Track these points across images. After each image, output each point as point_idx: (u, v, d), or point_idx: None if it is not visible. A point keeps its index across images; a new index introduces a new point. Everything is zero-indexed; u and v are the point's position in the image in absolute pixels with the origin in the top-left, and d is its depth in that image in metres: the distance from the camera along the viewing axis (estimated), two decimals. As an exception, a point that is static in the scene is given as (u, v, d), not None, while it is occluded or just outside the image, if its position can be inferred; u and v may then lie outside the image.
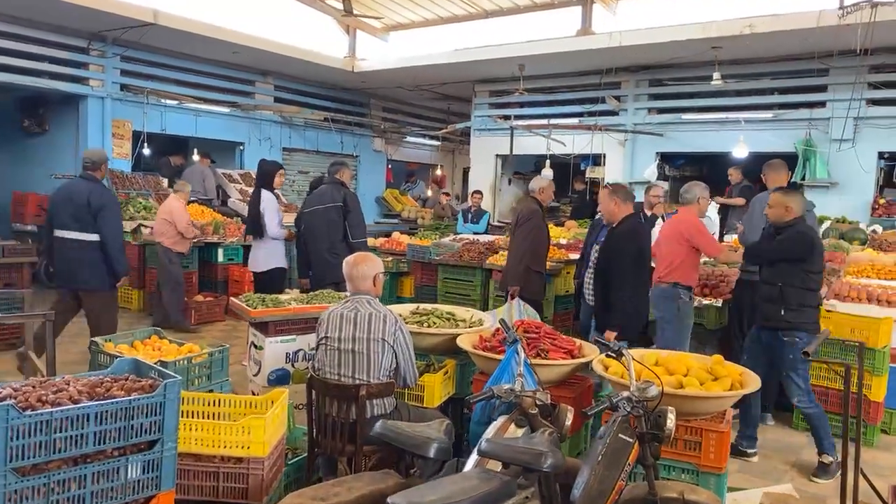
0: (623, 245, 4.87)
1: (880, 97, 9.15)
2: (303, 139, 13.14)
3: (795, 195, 4.82)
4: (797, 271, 4.56)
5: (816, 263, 4.65)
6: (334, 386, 3.44)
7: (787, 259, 4.59)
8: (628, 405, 2.63)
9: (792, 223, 4.65)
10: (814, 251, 4.61)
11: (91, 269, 5.58)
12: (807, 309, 4.62)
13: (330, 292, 5.24)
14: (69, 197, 5.59)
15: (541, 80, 11.75)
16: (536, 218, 5.80)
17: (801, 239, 4.59)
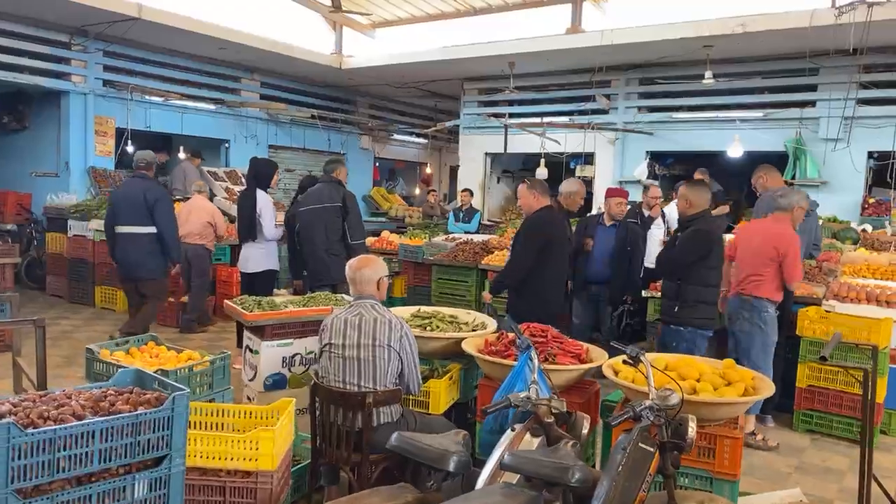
0: (532, 233, 5.10)
1: (870, 97, 9.19)
2: (289, 137, 12.97)
3: (700, 189, 4.89)
4: (696, 268, 4.69)
5: (714, 259, 4.76)
6: (339, 394, 3.34)
7: (693, 260, 4.70)
8: (651, 415, 2.55)
9: (692, 219, 4.77)
10: (712, 247, 4.71)
11: (150, 260, 6.25)
12: (701, 305, 4.73)
13: (327, 295, 5.12)
14: (127, 195, 6.27)
15: (530, 79, 11.69)
16: (547, 227, 5.65)
17: (698, 237, 4.70)
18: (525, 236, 5.15)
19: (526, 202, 5.25)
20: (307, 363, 4.81)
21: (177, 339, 6.67)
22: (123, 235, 6.20)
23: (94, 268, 8.89)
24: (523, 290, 5.11)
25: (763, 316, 4.99)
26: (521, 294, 5.14)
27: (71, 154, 10.00)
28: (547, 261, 5.04)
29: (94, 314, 8.58)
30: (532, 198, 5.18)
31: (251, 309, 4.57)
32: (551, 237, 5.10)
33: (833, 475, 4.64)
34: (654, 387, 2.83)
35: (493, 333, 4.19)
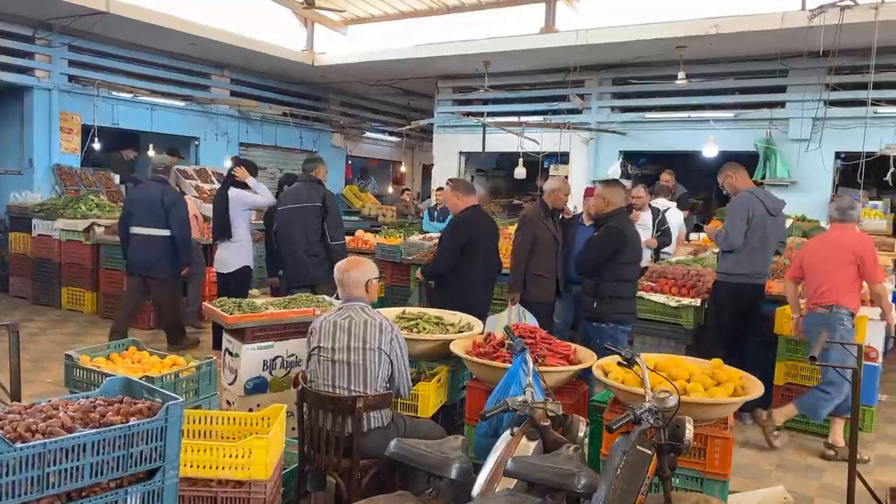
0: (456, 232, 5.30)
1: (837, 98, 9.36)
2: (260, 134, 12.78)
3: (616, 189, 5.01)
4: (611, 264, 4.82)
5: (629, 255, 4.86)
6: (329, 398, 3.27)
7: (608, 257, 4.82)
8: (651, 417, 2.54)
9: (607, 217, 4.90)
10: (625, 243, 4.82)
11: (162, 260, 6.49)
12: (618, 300, 4.85)
13: (308, 296, 5.03)
14: (143, 198, 6.56)
15: (504, 78, 11.69)
16: (530, 223, 5.66)
17: (611, 233, 4.84)
18: (450, 235, 5.37)
19: (451, 203, 5.41)
20: (289, 366, 4.72)
21: (150, 342, 6.51)
22: (138, 236, 6.50)
23: (61, 268, 8.64)
24: (447, 286, 5.30)
25: (839, 329, 4.74)
26: (444, 289, 5.31)
27: (35, 151, 9.71)
28: (472, 259, 5.23)
29: (60, 316, 8.34)
30: (456, 198, 5.37)
31: (231, 311, 4.47)
32: (475, 236, 5.27)
33: (813, 472, 4.70)
34: (649, 389, 2.83)
35: (481, 335, 4.16)
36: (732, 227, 5.26)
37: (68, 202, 8.87)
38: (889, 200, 9.45)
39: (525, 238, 5.56)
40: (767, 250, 5.53)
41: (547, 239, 5.60)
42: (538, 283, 5.52)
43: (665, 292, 6.02)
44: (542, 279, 5.56)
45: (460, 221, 5.37)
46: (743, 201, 5.37)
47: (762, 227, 5.39)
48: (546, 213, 5.74)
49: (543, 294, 5.58)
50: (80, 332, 7.55)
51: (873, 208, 9.30)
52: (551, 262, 5.62)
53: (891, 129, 8.82)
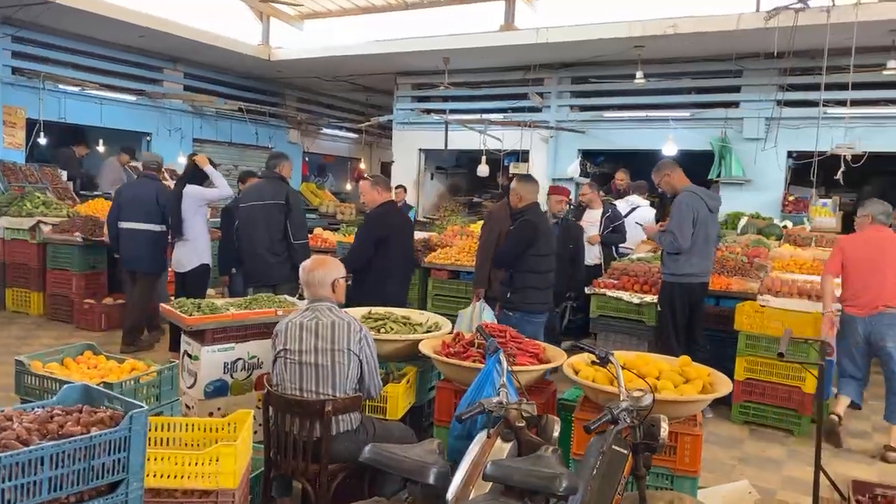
0: (372, 226, 5.35)
1: (789, 99, 9.59)
2: (215, 130, 12.50)
3: (530, 184, 5.14)
4: (525, 256, 4.93)
5: (542, 247, 4.98)
6: (296, 402, 3.17)
7: (522, 249, 4.93)
8: (629, 417, 2.52)
9: (522, 211, 5.01)
10: (538, 236, 4.93)
11: (150, 255, 6.58)
12: (529, 290, 4.97)
13: (270, 296, 4.90)
14: (137, 194, 6.61)
15: (464, 75, 11.66)
16: (492, 220, 5.66)
17: (524, 226, 4.94)
18: (366, 228, 5.40)
19: (370, 197, 5.38)
20: (250, 368, 4.59)
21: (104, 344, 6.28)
22: (127, 231, 6.56)
23: (5, 269, 8.28)
24: (364, 281, 5.31)
25: None
26: (360, 284, 5.32)
27: (-24, 146, 9.30)
28: (387, 254, 5.25)
29: (4, 318, 7.99)
30: (376, 193, 5.36)
31: (190, 312, 4.31)
32: (391, 231, 5.30)
33: (773, 465, 4.78)
34: (624, 387, 2.81)
35: (449, 334, 4.11)
36: (680, 230, 5.23)
37: (12, 199, 8.50)
38: (838, 199, 9.71)
39: (489, 235, 5.53)
40: (710, 248, 5.62)
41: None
42: (500, 279, 5.48)
43: (627, 289, 6.07)
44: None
45: (378, 216, 5.36)
46: (689, 202, 5.35)
47: (705, 226, 5.43)
48: (510, 213, 5.72)
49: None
50: (27, 336, 7.25)
51: (823, 206, 9.55)
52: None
53: (841, 130, 9.06)
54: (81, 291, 7.68)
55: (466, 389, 3.68)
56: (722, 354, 5.58)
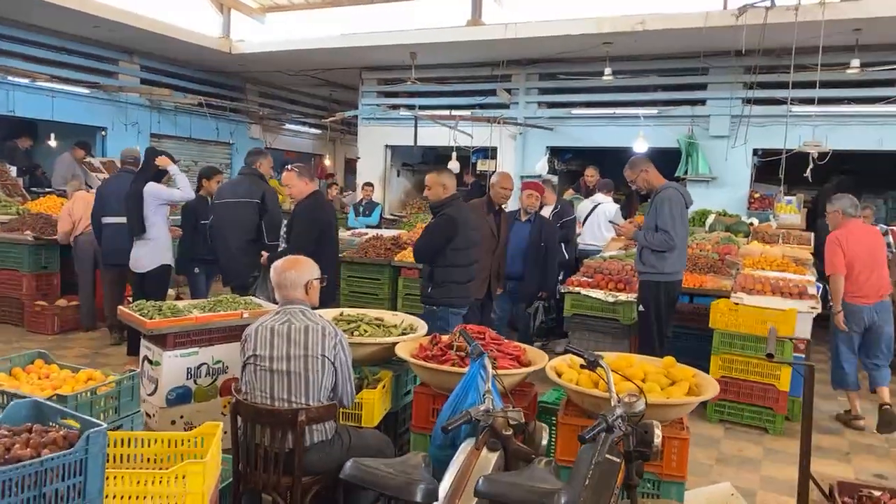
0: (308, 218, 5.19)
1: (754, 97, 9.65)
2: (174, 125, 12.10)
3: (450, 175, 5.07)
4: (445, 251, 4.87)
5: (462, 241, 4.91)
6: (267, 412, 2.98)
7: (442, 243, 4.83)
8: (624, 424, 2.40)
9: (442, 205, 4.90)
10: (457, 230, 4.86)
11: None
12: (451, 285, 4.92)
13: (235, 297, 4.69)
14: (116, 189, 6.39)
15: (431, 70, 11.48)
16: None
17: (444, 221, 4.86)
18: (307, 222, 5.14)
19: (297, 189, 5.20)
20: (215, 374, 4.38)
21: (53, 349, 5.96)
22: (110, 225, 6.44)
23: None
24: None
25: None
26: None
27: (-83, 140, 8.81)
28: (326, 246, 5.13)
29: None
30: (304, 184, 5.20)
31: (151, 315, 4.08)
32: (325, 222, 5.22)
33: (751, 464, 4.74)
34: (615, 392, 2.69)
35: (426, 336, 3.95)
36: (673, 227, 5.17)
37: (-43, 196, 8.09)
38: (802, 196, 9.81)
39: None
40: (685, 244, 5.60)
41: (484, 235, 5.46)
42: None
43: (602, 288, 5.99)
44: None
45: (314, 207, 5.19)
46: (675, 199, 5.30)
47: (684, 223, 5.42)
48: (489, 208, 5.61)
49: (475, 290, 5.41)
50: (-28, 341, 6.88)
51: (788, 203, 9.64)
52: (486, 259, 5.47)
53: (805, 128, 9.15)
54: (32, 293, 7.32)
55: (445, 394, 3.55)
56: (696, 352, 5.54)
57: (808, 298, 5.66)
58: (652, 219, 5.24)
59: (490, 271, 5.62)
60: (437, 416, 3.60)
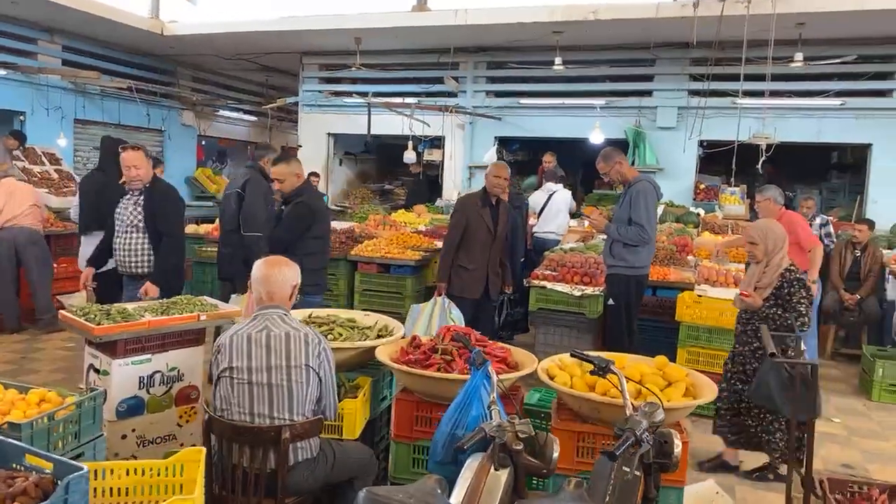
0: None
1: (700, 88, 9.76)
2: (100, 110, 11.34)
3: (298, 163, 5.02)
4: (305, 239, 4.83)
5: (317, 229, 4.88)
6: (247, 429, 2.70)
7: (300, 232, 4.78)
8: (650, 437, 2.25)
9: (295, 194, 4.83)
10: (315, 218, 4.83)
11: None
12: (307, 272, 4.79)
13: (189, 298, 4.32)
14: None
15: (376, 56, 11.14)
16: (461, 210, 5.35)
17: (301, 209, 4.81)
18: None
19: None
20: (169, 382, 4.02)
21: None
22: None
23: None
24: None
25: None
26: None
27: None
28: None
29: None
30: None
31: (98, 321, 3.69)
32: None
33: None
34: (630, 401, 2.54)
35: (404, 339, 3.72)
36: (649, 221, 5.11)
37: None
38: (745, 187, 10.00)
39: (455, 226, 5.24)
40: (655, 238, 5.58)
41: (479, 229, 5.26)
42: (460, 274, 5.20)
43: (567, 282, 5.88)
44: (465, 271, 5.24)
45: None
46: (650, 192, 5.21)
47: (656, 216, 5.45)
48: (484, 201, 5.38)
49: (468, 288, 5.25)
50: None
51: (732, 194, 9.82)
52: (480, 255, 5.28)
53: (749, 120, 9.30)
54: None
55: (430, 401, 3.35)
56: (659, 345, 5.48)
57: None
58: (625, 211, 5.14)
59: (487, 269, 5.38)
60: (419, 423, 3.40)
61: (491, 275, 5.38)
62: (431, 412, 3.36)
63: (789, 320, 4.05)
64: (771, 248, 4.20)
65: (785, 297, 4.09)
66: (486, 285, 5.37)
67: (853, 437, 5.28)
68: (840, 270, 7.36)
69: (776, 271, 4.14)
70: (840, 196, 10.99)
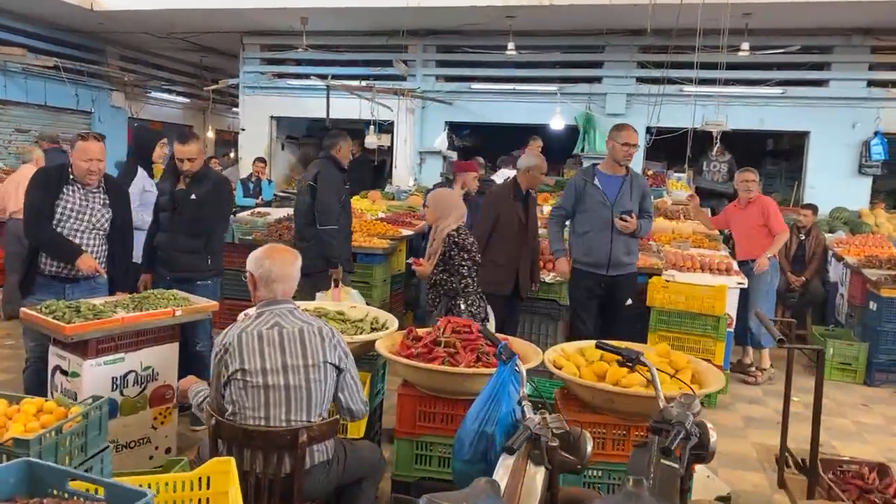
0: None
1: (646, 76, 9.91)
2: (23, 90, 10.58)
3: (199, 140, 4.93)
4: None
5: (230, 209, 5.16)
6: (261, 434, 2.53)
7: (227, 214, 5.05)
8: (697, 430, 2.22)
9: (207, 170, 4.74)
10: (232, 198, 5.19)
11: None
12: (219, 256, 4.86)
13: (161, 292, 4.06)
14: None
15: (322, 38, 10.81)
16: (493, 204, 5.14)
17: (227, 188, 4.89)
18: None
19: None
20: (143, 382, 3.78)
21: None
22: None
23: None
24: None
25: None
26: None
27: None
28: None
29: None
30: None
31: (69, 319, 3.40)
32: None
33: (700, 441, 4.79)
34: (662, 392, 2.51)
35: (400, 332, 3.59)
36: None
37: None
38: (691, 172, 10.24)
39: (486, 218, 5.03)
40: None
41: (510, 222, 5.05)
42: (490, 269, 4.86)
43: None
44: (495, 266, 4.96)
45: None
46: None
47: None
48: (516, 193, 5.16)
49: (497, 283, 4.96)
50: None
51: (678, 180, 10.04)
52: (511, 249, 5.06)
53: (696, 107, 9.50)
54: None
55: (434, 396, 3.25)
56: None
57: (734, 274, 5.85)
58: (635, 204, 5.00)
59: (518, 265, 5.14)
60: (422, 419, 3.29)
61: (522, 271, 5.16)
62: (435, 407, 3.28)
63: (454, 283, 4.19)
64: (439, 214, 4.33)
65: (448, 261, 4.22)
66: (517, 281, 5.14)
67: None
68: (786, 253, 7.62)
69: (441, 236, 4.26)
70: (777, 182, 11.39)
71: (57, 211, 4.02)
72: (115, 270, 4.27)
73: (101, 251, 4.19)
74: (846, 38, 9.28)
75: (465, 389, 3.14)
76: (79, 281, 4.10)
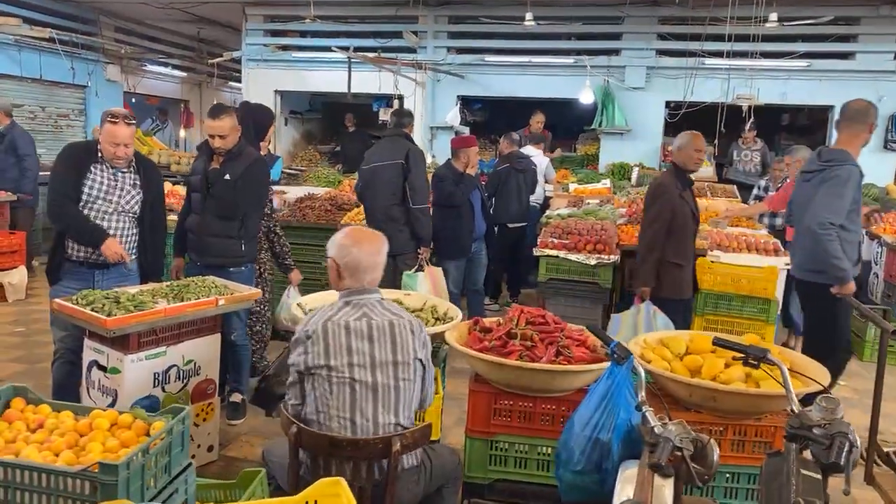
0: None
1: (667, 48, 9.61)
2: (17, 64, 10.10)
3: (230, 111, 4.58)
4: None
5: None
6: (349, 442, 2.27)
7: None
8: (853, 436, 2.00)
9: (243, 147, 4.31)
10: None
11: None
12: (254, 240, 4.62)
13: (203, 279, 3.78)
14: None
15: (328, 8, 10.38)
16: (664, 198, 4.48)
17: (265, 165, 4.57)
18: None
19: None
20: (185, 377, 3.53)
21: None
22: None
23: None
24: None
25: None
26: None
27: None
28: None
29: None
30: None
31: (109, 311, 3.12)
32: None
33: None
34: (794, 394, 2.28)
35: (464, 322, 3.34)
36: None
37: None
38: (711, 149, 9.97)
39: (661, 214, 4.42)
40: None
41: (685, 215, 4.50)
42: (672, 272, 4.47)
43: (580, 250, 5.61)
44: (677, 268, 4.51)
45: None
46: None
47: None
48: (682, 181, 4.59)
49: (680, 288, 4.55)
50: None
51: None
52: (690, 246, 4.62)
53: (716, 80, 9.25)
54: None
55: (510, 392, 3.00)
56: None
57: (782, 255, 5.63)
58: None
59: (695, 263, 4.80)
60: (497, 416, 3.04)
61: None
62: (511, 404, 3.03)
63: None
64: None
65: None
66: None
67: (864, 400, 5.30)
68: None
69: None
70: (795, 158, 11.14)
71: (83, 191, 3.71)
72: (146, 257, 3.96)
73: (130, 236, 3.88)
74: (874, 9, 9.01)
75: (550, 387, 2.90)
76: (108, 267, 3.80)
